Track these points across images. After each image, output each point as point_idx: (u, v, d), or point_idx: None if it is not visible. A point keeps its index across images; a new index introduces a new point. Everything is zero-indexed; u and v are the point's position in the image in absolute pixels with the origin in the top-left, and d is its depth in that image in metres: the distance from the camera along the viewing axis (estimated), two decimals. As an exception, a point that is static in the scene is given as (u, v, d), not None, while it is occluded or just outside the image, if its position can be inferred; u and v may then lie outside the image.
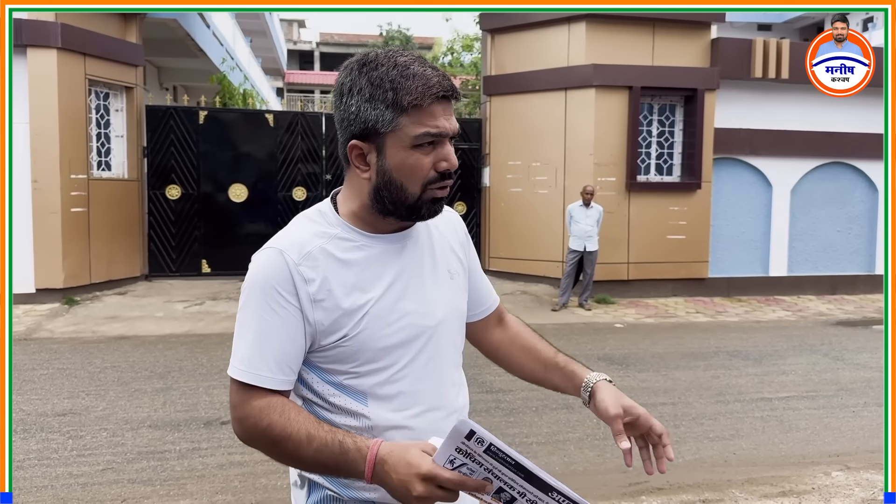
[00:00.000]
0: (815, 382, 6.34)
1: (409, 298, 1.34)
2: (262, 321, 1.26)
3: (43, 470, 4.14)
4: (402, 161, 1.27)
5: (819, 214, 11.60)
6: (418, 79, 1.24)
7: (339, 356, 1.30)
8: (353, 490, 1.33)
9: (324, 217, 1.35)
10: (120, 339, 7.43)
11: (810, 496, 3.94)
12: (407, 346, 1.33)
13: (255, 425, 1.27)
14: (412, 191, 1.29)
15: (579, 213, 9.57)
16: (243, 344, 1.28)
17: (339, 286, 1.28)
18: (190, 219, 10.85)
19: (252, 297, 1.28)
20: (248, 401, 1.27)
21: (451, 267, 1.46)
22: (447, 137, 1.29)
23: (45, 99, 8.82)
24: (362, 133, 1.28)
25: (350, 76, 1.28)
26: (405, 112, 1.24)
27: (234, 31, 19.76)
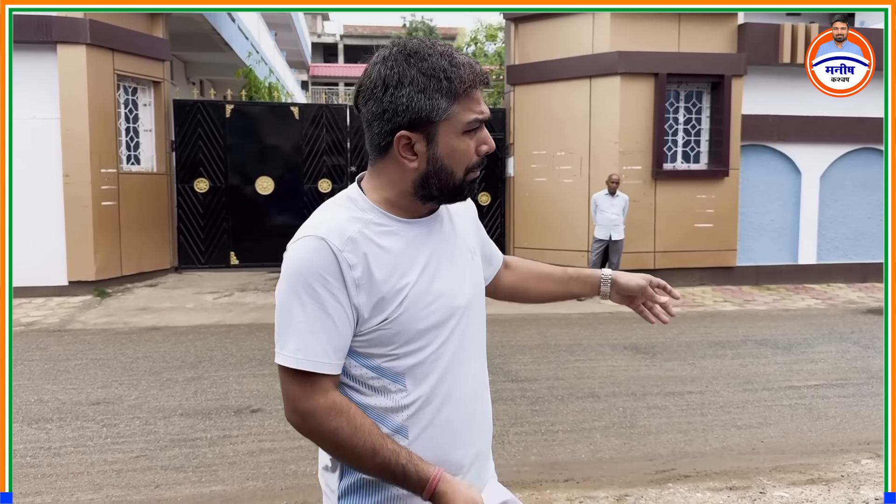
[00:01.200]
0: (845, 370, 6.28)
1: (442, 280, 1.37)
2: (312, 308, 1.28)
3: (79, 457, 4.25)
4: (454, 148, 1.32)
5: (849, 201, 11.42)
6: (466, 67, 1.29)
7: (378, 339, 1.32)
8: None
9: (354, 203, 1.37)
10: (151, 329, 7.56)
11: (839, 484, 3.91)
12: (441, 326, 1.36)
13: (321, 425, 1.29)
14: (459, 176, 1.35)
15: (605, 202, 9.53)
16: (295, 333, 1.28)
17: (379, 270, 1.30)
18: (218, 211, 10.99)
19: (298, 285, 1.29)
20: (312, 395, 1.29)
21: (470, 246, 1.50)
22: (484, 122, 1.35)
23: (75, 94, 8.97)
24: (411, 123, 1.29)
25: (397, 68, 1.28)
26: (458, 100, 1.29)
27: (259, 25, 19.88)
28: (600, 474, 4.08)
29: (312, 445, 1.40)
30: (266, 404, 5.15)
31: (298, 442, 4.46)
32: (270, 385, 5.54)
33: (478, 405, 1.47)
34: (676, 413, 5.13)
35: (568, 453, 4.41)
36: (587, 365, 6.28)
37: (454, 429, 1.40)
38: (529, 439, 4.58)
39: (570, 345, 6.89)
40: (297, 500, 3.72)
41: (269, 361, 6.24)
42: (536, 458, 4.31)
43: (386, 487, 1.36)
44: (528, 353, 6.59)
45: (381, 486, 1.37)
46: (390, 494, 1.36)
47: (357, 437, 1.28)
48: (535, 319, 8.00)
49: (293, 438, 4.52)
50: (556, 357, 6.46)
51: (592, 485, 3.92)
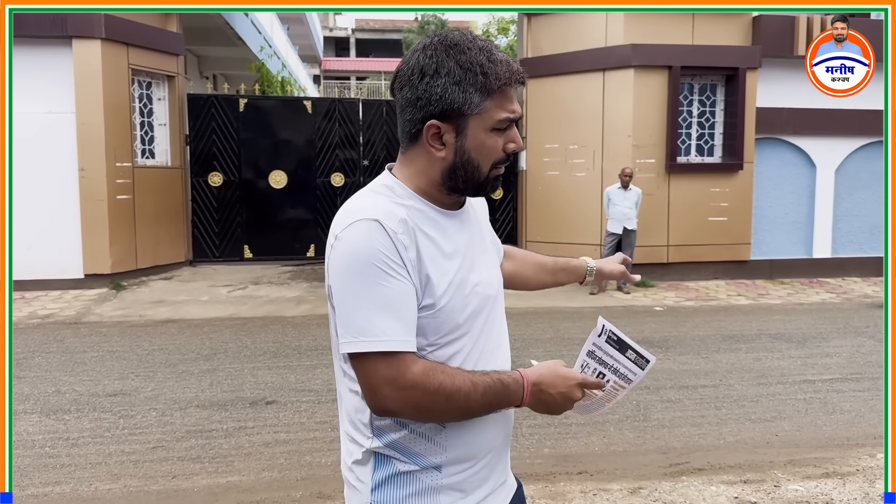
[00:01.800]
0: (860, 365, 6.24)
1: (476, 270, 1.40)
2: (384, 290, 1.25)
3: (97, 448, 4.30)
4: (482, 143, 1.33)
5: (865, 195, 11.33)
6: (504, 65, 1.31)
7: (425, 328, 1.32)
8: (423, 458, 1.37)
9: (392, 191, 1.36)
10: (166, 322, 7.62)
11: (854, 478, 3.90)
12: (477, 316, 1.38)
13: (426, 389, 1.27)
14: (484, 170, 1.36)
15: (618, 196, 9.50)
16: (371, 316, 1.25)
17: (427, 257, 1.31)
18: (232, 205, 11.04)
19: (361, 269, 1.25)
20: (406, 370, 1.26)
21: (490, 237, 1.55)
22: (516, 121, 1.36)
23: (91, 89, 9.03)
24: (443, 113, 1.31)
25: (435, 57, 1.30)
26: (491, 96, 1.30)
27: (272, 20, 19.91)
28: (614, 467, 4.09)
29: (327, 437, 1.41)
30: (281, 396, 5.18)
31: (314, 433, 4.49)
32: (285, 377, 5.58)
33: None
34: (690, 406, 5.13)
35: (581, 446, 4.42)
36: (600, 358, 6.26)
37: (487, 422, 1.41)
38: (543, 432, 4.59)
39: (582, 338, 6.78)
40: (313, 491, 3.75)
41: (283, 354, 6.29)
42: (550, 451, 4.32)
43: (418, 478, 1.37)
44: (541, 347, 6.60)
45: (413, 478, 1.37)
46: (423, 486, 1.37)
47: (456, 380, 1.29)
48: (548, 313, 8.00)
49: (308, 430, 4.55)
50: (569, 350, 6.46)
51: (606, 477, 3.93)
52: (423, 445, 1.36)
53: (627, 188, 9.47)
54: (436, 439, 1.37)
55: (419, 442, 1.36)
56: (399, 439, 1.36)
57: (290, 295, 9.07)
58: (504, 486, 1.52)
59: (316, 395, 5.22)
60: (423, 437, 1.36)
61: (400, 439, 1.36)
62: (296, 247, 11.22)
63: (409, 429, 1.36)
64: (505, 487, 1.52)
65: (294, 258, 11.21)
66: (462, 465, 1.39)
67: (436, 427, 1.36)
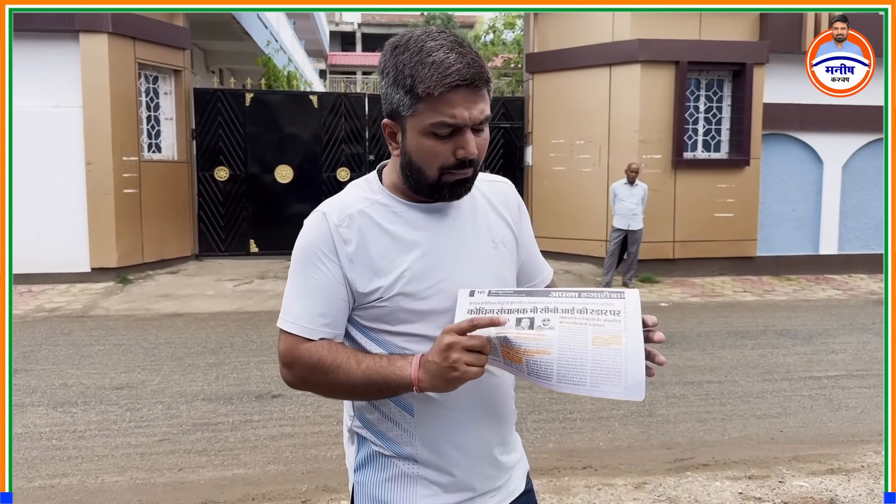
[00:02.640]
0: (866, 361, 6.23)
1: (445, 266, 1.37)
2: (307, 278, 1.36)
3: (103, 440, 4.32)
4: (418, 145, 1.31)
5: (872, 191, 11.29)
6: (435, 67, 1.24)
7: (377, 315, 1.37)
8: (396, 445, 1.40)
9: (369, 185, 1.43)
10: (173, 316, 7.65)
11: (859, 474, 3.90)
12: (443, 314, 1.35)
13: (307, 364, 1.35)
14: (430, 174, 1.33)
15: (624, 192, 9.48)
16: (292, 298, 1.37)
17: (375, 248, 1.34)
18: (238, 199, 11.06)
19: (299, 255, 1.37)
20: (294, 348, 1.36)
21: (495, 236, 1.46)
22: (467, 126, 1.29)
23: (97, 83, 9.05)
24: (391, 113, 1.34)
25: (384, 58, 1.33)
26: (421, 99, 1.26)
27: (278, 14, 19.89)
28: (618, 462, 4.09)
29: (333, 430, 1.44)
30: (287, 390, 5.20)
31: (319, 427, 4.51)
32: (290, 371, 5.59)
33: (493, 400, 1.44)
34: (695, 402, 5.13)
35: (586, 441, 4.43)
36: (605, 354, 6.27)
37: (461, 419, 1.39)
38: (548, 427, 4.60)
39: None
40: (318, 484, 3.76)
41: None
42: (555, 446, 4.33)
43: (395, 464, 1.40)
44: None
45: (391, 462, 1.40)
46: (400, 471, 1.40)
47: (339, 356, 1.34)
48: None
49: (314, 423, 4.57)
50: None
51: (611, 472, 3.93)
52: (394, 431, 1.40)
53: (634, 184, 9.45)
54: (403, 425, 1.39)
55: (389, 426, 1.40)
56: (372, 420, 1.43)
57: (296, 289, 9.06)
58: (497, 492, 1.48)
59: (321, 389, 5.23)
60: (391, 420, 1.40)
61: (373, 420, 1.42)
62: (302, 241, 11.21)
63: (380, 411, 1.41)
64: (499, 493, 1.49)
65: (300, 253, 11.20)
66: (437, 463, 1.39)
67: (403, 413, 1.39)
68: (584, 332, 1.22)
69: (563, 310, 1.25)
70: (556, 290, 1.31)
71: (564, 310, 1.25)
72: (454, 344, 1.23)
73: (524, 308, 1.27)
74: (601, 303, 1.25)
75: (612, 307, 1.24)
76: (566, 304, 1.26)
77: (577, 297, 1.27)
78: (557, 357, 1.22)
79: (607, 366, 1.20)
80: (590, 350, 1.21)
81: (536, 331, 1.24)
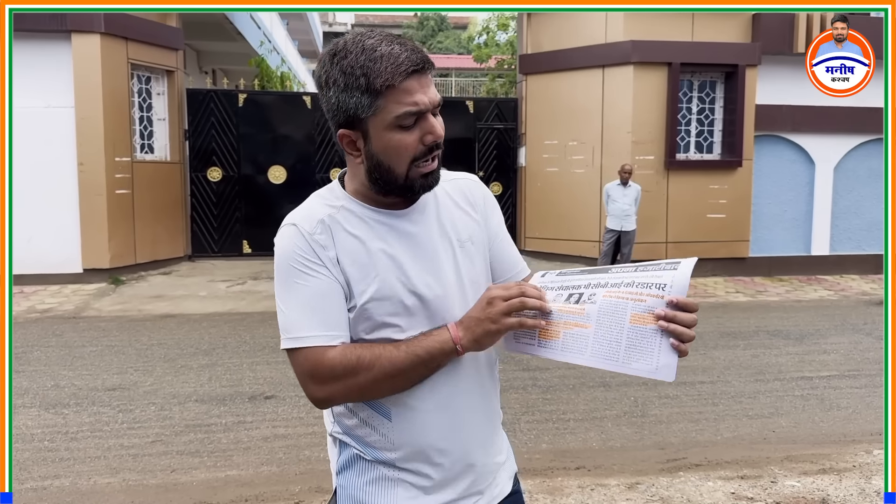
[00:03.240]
0: (858, 361, 6.26)
1: (414, 269, 1.35)
2: (299, 289, 1.32)
3: (96, 441, 4.31)
4: (386, 143, 1.29)
5: (863, 192, 11.35)
6: (386, 59, 1.25)
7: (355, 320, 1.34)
8: (375, 450, 1.39)
9: (332, 192, 1.42)
10: (165, 317, 7.63)
11: (851, 474, 3.91)
12: (414, 315, 1.34)
13: (344, 368, 1.29)
14: (400, 171, 1.31)
15: (617, 192, 9.50)
16: (293, 315, 1.32)
17: (346, 254, 1.33)
18: (231, 200, 11.04)
19: (283, 271, 1.34)
20: (323, 359, 1.30)
21: (461, 236, 1.43)
22: (428, 111, 1.30)
23: (90, 83, 9.02)
24: (347, 121, 1.31)
25: (324, 69, 1.31)
26: (381, 94, 1.26)
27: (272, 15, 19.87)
28: (611, 462, 4.10)
29: (325, 431, 1.43)
30: (280, 391, 5.19)
31: (312, 428, 4.50)
32: (284, 372, 5.59)
33: (474, 402, 1.43)
34: (688, 402, 5.14)
35: (579, 441, 4.43)
36: (598, 354, 6.28)
37: (440, 422, 1.38)
38: (541, 427, 4.61)
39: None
40: (311, 485, 3.76)
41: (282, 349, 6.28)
42: (548, 446, 4.33)
43: (376, 467, 1.39)
44: None
45: (371, 466, 1.40)
46: (381, 474, 1.39)
47: (374, 348, 1.30)
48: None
49: (307, 424, 4.56)
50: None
51: (604, 472, 3.94)
52: (373, 436, 1.38)
53: (627, 185, 9.47)
54: (381, 430, 1.37)
55: (367, 431, 1.39)
56: (351, 426, 1.41)
57: (289, 290, 9.05)
58: (480, 495, 1.46)
59: (314, 390, 5.22)
60: (369, 426, 1.38)
61: (351, 426, 1.41)
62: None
63: (358, 417, 1.39)
64: (483, 496, 1.47)
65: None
66: (417, 467, 1.38)
67: (380, 419, 1.37)
68: (624, 307, 1.22)
69: (612, 284, 1.26)
70: (619, 266, 1.34)
71: (613, 284, 1.26)
72: (496, 297, 1.28)
73: (579, 284, 1.31)
74: (652, 275, 1.24)
75: (659, 280, 1.23)
76: (617, 279, 1.27)
77: (633, 272, 1.28)
78: (594, 331, 1.23)
79: (641, 344, 1.20)
80: (626, 327, 1.21)
81: (580, 305, 1.27)
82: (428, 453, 1.38)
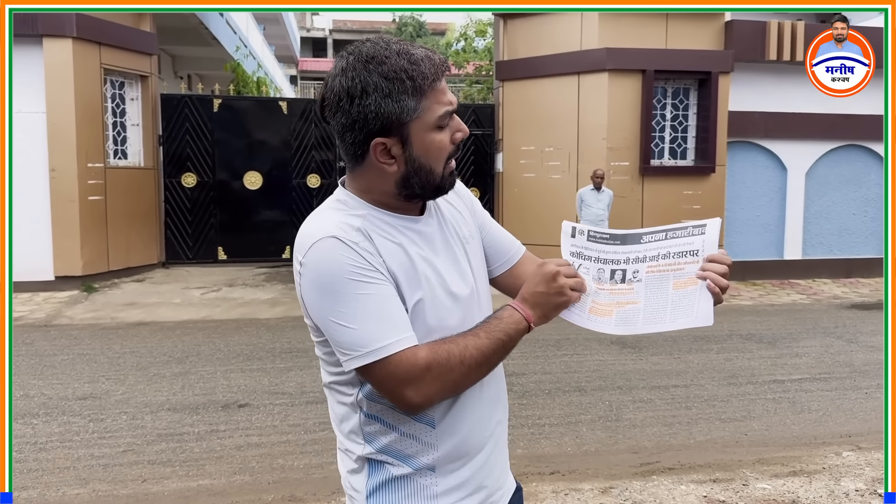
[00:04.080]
0: (829, 365, 6.35)
1: (447, 271, 1.37)
2: (365, 300, 1.25)
3: (65, 451, 4.25)
4: (429, 144, 1.31)
5: (834, 197, 11.52)
6: (425, 61, 1.27)
7: None
8: (416, 460, 1.36)
9: (346, 205, 1.36)
10: (138, 325, 7.55)
11: (821, 476, 3.96)
12: (453, 315, 1.36)
13: (439, 363, 1.26)
14: (438, 171, 1.33)
15: (591, 198, 9.55)
16: (365, 327, 1.24)
17: (391, 260, 1.30)
18: (206, 206, 10.96)
19: (338, 288, 1.25)
20: (416, 360, 1.26)
21: (463, 232, 1.47)
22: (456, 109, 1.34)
23: (62, 88, 8.92)
24: (383, 129, 1.28)
25: (358, 78, 1.26)
26: (425, 96, 1.27)
27: (248, 19, 19.79)
28: (586, 467, 4.12)
29: (300, 440, 1.41)
30: (253, 399, 5.16)
31: (286, 436, 4.47)
32: (258, 380, 5.55)
33: (500, 389, 1.51)
34: (662, 406, 5.18)
35: (554, 446, 4.45)
36: (574, 359, 6.32)
37: (475, 416, 1.41)
38: (516, 433, 4.61)
39: (557, 340, 6.93)
40: (285, 494, 3.73)
41: (256, 357, 6.25)
42: (523, 452, 4.34)
43: (412, 480, 1.36)
44: (516, 348, 6.58)
45: (409, 481, 1.37)
46: (419, 488, 1.36)
47: (457, 339, 1.30)
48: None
49: (281, 433, 4.54)
50: (544, 352, 6.50)
51: (578, 477, 3.96)
52: (414, 447, 1.36)
53: (600, 190, 9.52)
54: (424, 439, 1.36)
55: (409, 443, 1.36)
56: (390, 443, 1.36)
57: (265, 297, 9.02)
58: (503, 490, 1.50)
59: (289, 398, 5.20)
60: (412, 437, 1.35)
61: (391, 443, 1.36)
62: (271, 248, 11.15)
63: (399, 431, 1.35)
64: (504, 490, 1.51)
65: (269, 260, 11.14)
66: (456, 464, 1.38)
67: (424, 427, 1.35)
68: (667, 279, 1.36)
69: (651, 257, 1.37)
70: (645, 233, 1.41)
71: (651, 257, 1.37)
72: (559, 272, 1.36)
73: (618, 259, 1.40)
74: (683, 243, 1.37)
75: (691, 247, 1.36)
76: (653, 251, 1.38)
77: (664, 239, 1.39)
78: (644, 305, 1.35)
79: (685, 303, 1.34)
80: (671, 294, 1.35)
81: (627, 284, 1.38)
82: (468, 450, 1.40)
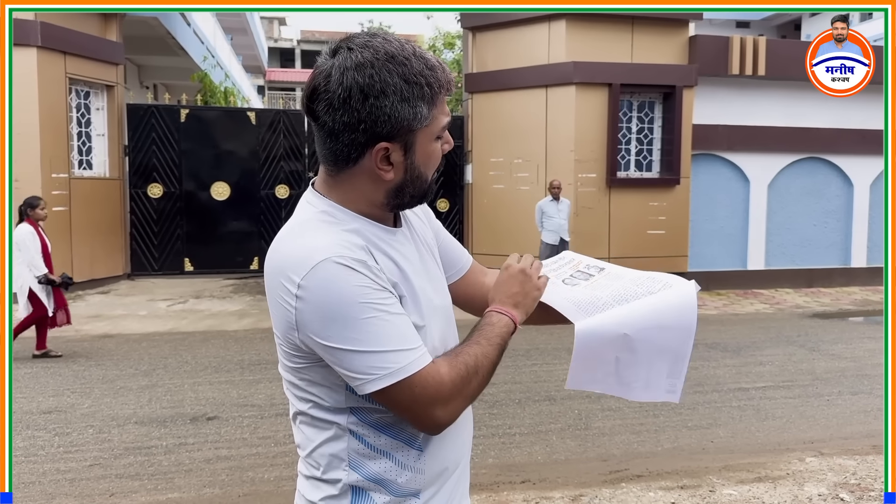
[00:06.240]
0: (792, 372, 6.48)
1: (426, 281, 1.35)
2: (380, 322, 1.18)
3: (30, 466, 4.17)
4: (429, 154, 1.27)
5: (796, 209, 11.78)
6: (438, 68, 1.23)
7: None
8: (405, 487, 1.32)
9: (334, 217, 1.27)
10: (104, 337, 7.43)
11: (785, 481, 4.05)
12: (438, 325, 1.35)
13: (462, 377, 1.24)
14: (430, 180, 1.31)
15: (551, 208, 9.59)
16: (385, 348, 1.18)
17: (393, 276, 1.26)
18: (172, 217, 10.85)
19: (351, 313, 1.17)
20: (441, 378, 1.21)
21: (429, 241, 1.45)
22: None
23: (26, 98, 8.77)
24: (391, 133, 1.20)
25: (378, 76, 1.17)
26: (435, 105, 1.23)
27: (215, 29, 19.68)
28: (556, 475, 4.16)
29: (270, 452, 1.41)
30: (222, 412, 5.11)
31: (256, 448, 4.44)
32: (227, 392, 5.50)
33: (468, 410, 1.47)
34: (630, 415, 5.25)
35: (525, 455, 4.48)
36: (544, 369, 6.37)
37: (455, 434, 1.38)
38: (487, 442, 4.64)
39: (527, 350, 6.98)
40: (255, 506, 3.71)
41: (224, 369, 6.20)
42: (494, 461, 4.37)
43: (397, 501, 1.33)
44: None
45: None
46: None
47: (468, 350, 1.28)
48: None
49: (251, 445, 4.51)
50: (514, 362, 6.54)
51: (548, 486, 3.99)
52: (404, 474, 1.31)
53: (559, 200, 9.58)
54: (413, 465, 1.31)
55: (401, 472, 1.30)
56: (380, 471, 1.30)
57: (233, 308, 8.94)
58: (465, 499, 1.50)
59: (259, 409, 5.17)
60: (401, 464, 1.31)
61: (381, 471, 1.30)
62: (238, 259, 11.07)
63: (391, 458, 1.30)
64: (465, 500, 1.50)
65: (237, 271, 11.06)
66: (436, 486, 1.35)
67: (414, 453, 1.31)
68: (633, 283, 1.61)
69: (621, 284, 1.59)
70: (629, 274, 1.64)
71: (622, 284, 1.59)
72: (525, 268, 1.41)
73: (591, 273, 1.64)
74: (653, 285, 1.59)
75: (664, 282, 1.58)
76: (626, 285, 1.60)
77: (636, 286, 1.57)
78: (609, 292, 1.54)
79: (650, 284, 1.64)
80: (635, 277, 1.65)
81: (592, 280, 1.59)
82: (448, 465, 1.37)
